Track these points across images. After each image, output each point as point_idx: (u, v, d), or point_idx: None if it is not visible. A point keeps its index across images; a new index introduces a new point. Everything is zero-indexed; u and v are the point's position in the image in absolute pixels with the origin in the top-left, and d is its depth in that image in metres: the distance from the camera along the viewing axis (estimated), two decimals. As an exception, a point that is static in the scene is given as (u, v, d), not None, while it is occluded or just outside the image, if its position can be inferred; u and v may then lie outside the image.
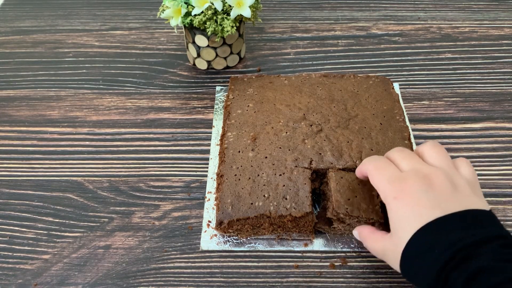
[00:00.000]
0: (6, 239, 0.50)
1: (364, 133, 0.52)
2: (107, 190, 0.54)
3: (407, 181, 0.39)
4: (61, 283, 0.46)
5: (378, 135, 0.52)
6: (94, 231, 0.50)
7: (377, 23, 0.77)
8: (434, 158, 0.41)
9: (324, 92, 0.57)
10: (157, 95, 0.65)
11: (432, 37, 0.74)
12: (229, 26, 0.60)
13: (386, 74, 0.67)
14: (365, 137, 0.52)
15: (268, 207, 0.46)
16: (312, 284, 0.46)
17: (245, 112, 0.56)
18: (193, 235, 0.50)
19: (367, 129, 0.53)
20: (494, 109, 0.62)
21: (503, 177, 0.54)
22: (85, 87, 0.67)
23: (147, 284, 0.46)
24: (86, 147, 0.59)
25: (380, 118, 0.54)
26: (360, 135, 0.52)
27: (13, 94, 0.66)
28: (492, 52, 0.71)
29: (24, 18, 0.79)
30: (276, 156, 0.50)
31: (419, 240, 0.37)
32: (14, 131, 0.61)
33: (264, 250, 0.49)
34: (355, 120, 0.54)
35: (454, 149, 0.57)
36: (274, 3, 0.82)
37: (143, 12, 0.80)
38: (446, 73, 0.68)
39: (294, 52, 0.72)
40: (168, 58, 0.71)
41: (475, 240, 0.34)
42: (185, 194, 0.54)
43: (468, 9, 0.79)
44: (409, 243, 0.37)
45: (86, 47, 0.73)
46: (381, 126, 0.53)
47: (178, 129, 0.61)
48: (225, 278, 0.47)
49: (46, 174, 0.56)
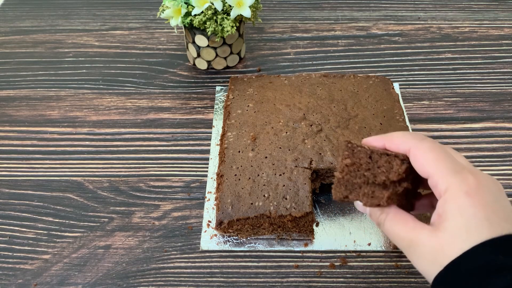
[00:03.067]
0: (6, 239, 0.50)
1: (364, 133, 0.52)
2: (107, 190, 0.54)
3: (480, 179, 0.32)
4: (61, 283, 0.46)
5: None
6: (94, 231, 0.50)
7: (377, 23, 0.77)
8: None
9: (324, 92, 0.57)
10: (157, 95, 0.65)
11: (432, 37, 0.74)
12: (229, 26, 0.60)
13: (386, 74, 0.67)
14: (365, 137, 0.52)
15: (268, 207, 0.46)
16: (312, 284, 0.46)
17: (245, 112, 0.56)
18: (193, 235, 0.50)
19: (367, 129, 0.53)
20: (494, 109, 0.62)
21: (503, 177, 0.54)
22: (85, 87, 0.67)
23: (147, 284, 0.46)
24: (86, 147, 0.59)
25: (380, 118, 0.54)
26: (360, 135, 0.52)
27: (13, 94, 0.66)
28: (492, 52, 0.71)
29: (24, 18, 0.79)
30: (276, 156, 0.50)
31: (484, 253, 0.29)
32: (14, 131, 0.61)
33: (264, 250, 0.49)
34: (355, 120, 0.54)
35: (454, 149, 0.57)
36: (274, 3, 0.82)
37: (143, 12, 0.80)
38: (446, 73, 0.68)
39: (294, 52, 0.72)
40: (168, 58, 0.71)
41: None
42: (185, 194, 0.54)
43: (468, 9, 0.79)
44: (468, 253, 0.29)
45: (86, 47, 0.73)
46: (381, 126, 0.53)
47: (178, 129, 0.61)
48: (225, 278, 0.47)
49: (46, 174, 0.56)
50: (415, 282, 0.46)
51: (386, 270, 0.47)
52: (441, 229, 0.31)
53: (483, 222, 0.30)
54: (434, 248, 0.31)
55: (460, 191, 0.31)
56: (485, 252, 0.29)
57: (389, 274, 0.46)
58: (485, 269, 0.29)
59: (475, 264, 0.29)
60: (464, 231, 0.30)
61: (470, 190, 0.31)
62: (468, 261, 0.29)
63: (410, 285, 0.46)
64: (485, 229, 0.30)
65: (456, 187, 0.32)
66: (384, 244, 0.48)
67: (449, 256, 0.30)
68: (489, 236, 0.29)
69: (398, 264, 0.47)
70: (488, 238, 0.29)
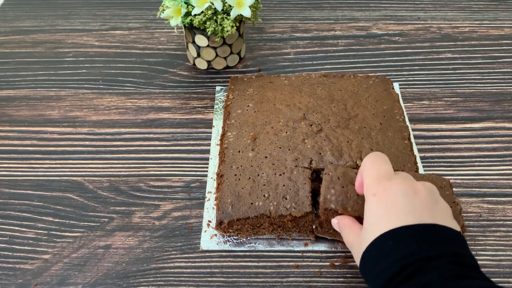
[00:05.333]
0: (6, 239, 0.50)
1: (364, 133, 0.52)
2: (107, 190, 0.54)
3: (393, 182, 0.38)
4: (61, 283, 0.46)
5: (378, 135, 0.52)
6: (94, 231, 0.50)
7: (377, 23, 0.77)
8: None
9: (324, 92, 0.57)
10: (157, 95, 0.65)
11: (432, 37, 0.74)
12: (229, 26, 0.60)
13: (386, 74, 0.67)
14: (365, 137, 0.52)
15: (268, 207, 0.46)
16: (312, 284, 0.46)
17: (245, 112, 0.56)
18: (193, 235, 0.50)
19: (367, 129, 0.53)
20: (494, 109, 0.62)
21: (503, 177, 0.54)
22: (85, 87, 0.67)
23: (147, 284, 0.46)
24: (86, 147, 0.59)
25: (380, 118, 0.54)
26: (360, 135, 0.52)
27: (13, 94, 0.66)
28: (492, 52, 0.71)
29: (24, 18, 0.79)
30: (276, 156, 0.50)
31: (380, 243, 0.36)
32: (14, 131, 0.61)
33: (264, 250, 0.49)
34: (355, 120, 0.54)
35: (454, 149, 0.57)
36: (274, 3, 0.82)
37: (143, 12, 0.80)
38: (446, 73, 0.68)
39: (294, 52, 0.72)
40: (168, 58, 0.71)
41: (427, 255, 0.34)
42: (185, 194, 0.54)
43: (468, 9, 0.79)
44: (372, 244, 0.37)
45: (86, 47, 0.73)
46: (381, 126, 0.53)
47: (178, 129, 0.61)
48: (225, 278, 0.47)
49: (46, 174, 0.56)
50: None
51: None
52: (363, 229, 0.39)
53: (382, 217, 0.37)
54: (358, 245, 0.39)
55: (370, 193, 0.38)
56: (380, 242, 0.36)
57: (389, 274, 0.46)
58: (379, 255, 0.36)
59: (372, 253, 0.37)
60: (370, 227, 0.37)
61: (378, 192, 0.38)
62: (369, 252, 0.37)
63: (410, 285, 0.46)
64: (384, 223, 0.36)
65: (369, 190, 0.38)
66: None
67: (362, 250, 0.38)
68: (387, 228, 0.36)
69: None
70: (385, 231, 0.36)
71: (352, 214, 0.44)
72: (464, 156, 0.57)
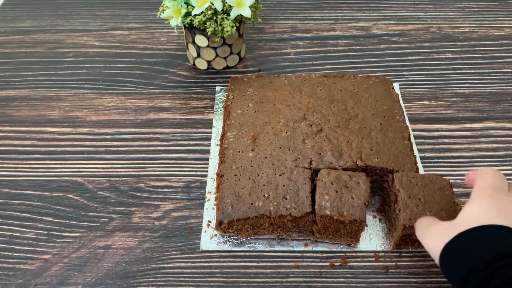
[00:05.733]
0: (6, 239, 0.50)
1: (364, 133, 0.52)
2: (107, 190, 0.54)
3: (510, 197, 0.40)
4: (61, 283, 0.46)
5: (378, 135, 0.52)
6: (94, 231, 0.50)
7: (377, 23, 0.77)
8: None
9: (324, 92, 0.57)
10: (157, 95, 0.65)
11: (432, 37, 0.74)
12: (229, 26, 0.60)
13: (386, 74, 0.67)
14: (365, 137, 0.52)
15: (268, 207, 0.46)
16: (312, 284, 0.46)
17: (245, 112, 0.56)
18: (193, 235, 0.50)
19: (367, 129, 0.53)
20: (494, 109, 0.62)
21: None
22: (85, 87, 0.67)
23: (147, 284, 0.46)
24: (86, 147, 0.59)
25: (380, 118, 0.54)
26: (360, 135, 0.52)
27: (13, 94, 0.66)
28: (492, 52, 0.71)
29: (24, 18, 0.79)
30: (276, 156, 0.50)
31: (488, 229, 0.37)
32: (14, 131, 0.61)
33: (264, 250, 0.49)
34: (355, 120, 0.54)
35: (454, 149, 0.57)
36: (274, 3, 0.82)
37: (143, 12, 0.80)
38: (446, 73, 0.68)
39: (294, 52, 0.72)
40: (168, 58, 0.71)
41: None
42: (185, 194, 0.54)
43: (468, 9, 0.79)
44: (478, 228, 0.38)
45: (86, 47, 0.73)
46: (381, 126, 0.53)
47: (178, 129, 0.61)
48: (225, 278, 0.47)
49: (46, 174, 0.56)
50: (415, 282, 0.46)
51: (386, 270, 0.47)
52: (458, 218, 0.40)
53: (496, 213, 0.38)
54: (446, 227, 0.40)
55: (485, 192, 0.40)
56: (489, 228, 0.37)
57: (389, 274, 0.46)
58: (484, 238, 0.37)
59: (477, 232, 0.38)
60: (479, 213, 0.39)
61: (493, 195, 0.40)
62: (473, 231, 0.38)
63: (410, 285, 0.46)
64: (494, 216, 0.38)
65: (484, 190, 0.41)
66: (384, 244, 0.48)
67: (457, 231, 0.38)
68: (497, 222, 0.38)
69: (398, 264, 0.47)
70: (496, 223, 0.37)
71: (348, 218, 0.44)
72: (464, 156, 0.57)
